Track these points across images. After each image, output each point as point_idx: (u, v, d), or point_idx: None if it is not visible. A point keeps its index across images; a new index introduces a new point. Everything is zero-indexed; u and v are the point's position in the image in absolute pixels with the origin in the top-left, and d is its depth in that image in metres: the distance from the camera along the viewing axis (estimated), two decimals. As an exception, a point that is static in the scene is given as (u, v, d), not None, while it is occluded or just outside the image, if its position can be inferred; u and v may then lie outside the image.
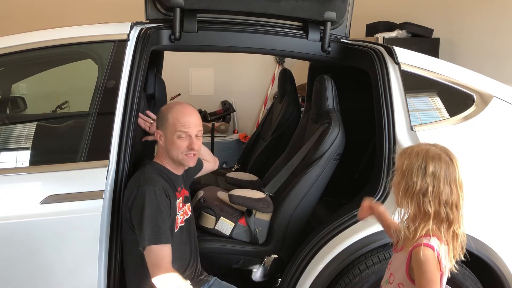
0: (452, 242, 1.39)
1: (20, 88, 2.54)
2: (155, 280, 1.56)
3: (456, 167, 1.37)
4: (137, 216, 1.64)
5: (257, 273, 2.12)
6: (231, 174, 2.58)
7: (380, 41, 3.88)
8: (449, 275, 1.44)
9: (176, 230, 1.78)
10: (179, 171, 1.87)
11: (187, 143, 1.77)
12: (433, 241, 1.37)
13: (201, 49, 2.21)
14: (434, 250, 1.35)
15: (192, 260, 1.90)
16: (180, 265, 1.80)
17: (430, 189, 1.35)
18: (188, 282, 1.61)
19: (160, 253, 1.60)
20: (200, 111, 5.06)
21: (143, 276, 1.65)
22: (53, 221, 1.74)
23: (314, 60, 2.59)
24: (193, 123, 1.79)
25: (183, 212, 1.87)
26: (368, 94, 2.05)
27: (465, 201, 1.39)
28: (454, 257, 1.40)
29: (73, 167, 1.84)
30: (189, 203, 1.95)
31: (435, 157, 1.37)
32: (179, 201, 1.82)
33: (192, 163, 1.83)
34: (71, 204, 1.75)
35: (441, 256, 1.36)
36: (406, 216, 1.44)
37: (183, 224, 1.85)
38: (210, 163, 2.20)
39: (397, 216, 1.49)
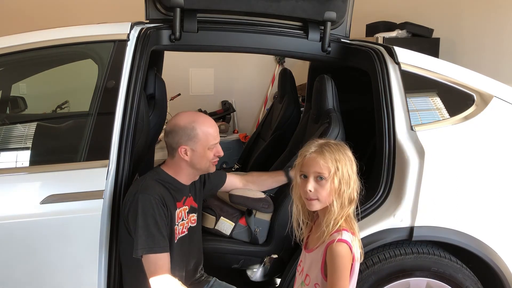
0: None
1: (20, 88, 2.54)
2: None
3: None
4: (133, 224, 1.64)
5: (257, 273, 2.12)
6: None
7: (380, 41, 3.87)
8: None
9: (176, 240, 1.76)
10: (187, 181, 1.84)
11: (214, 151, 1.81)
12: (346, 235, 1.42)
13: (201, 49, 2.20)
14: (347, 244, 1.40)
15: (193, 269, 1.89)
16: (180, 276, 1.79)
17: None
18: None
19: (158, 261, 1.60)
20: (200, 111, 5.06)
21: (141, 278, 1.64)
22: (53, 221, 1.74)
23: (314, 60, 2.59)
24: (218, 132, 1.83)
25: (186, 221, 1.83)
26: (368, 94, 2.05)
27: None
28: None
29: (73, 167, 1.84)
30: (196, 214, 1.90)
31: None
32: (179, 211, 1.79)
33: (214, 168, 1.87)
34: (71, 204, 1.75)
35: (353, 248, 1.42)
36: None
37: (185, 233, 1.82)
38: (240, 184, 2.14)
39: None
